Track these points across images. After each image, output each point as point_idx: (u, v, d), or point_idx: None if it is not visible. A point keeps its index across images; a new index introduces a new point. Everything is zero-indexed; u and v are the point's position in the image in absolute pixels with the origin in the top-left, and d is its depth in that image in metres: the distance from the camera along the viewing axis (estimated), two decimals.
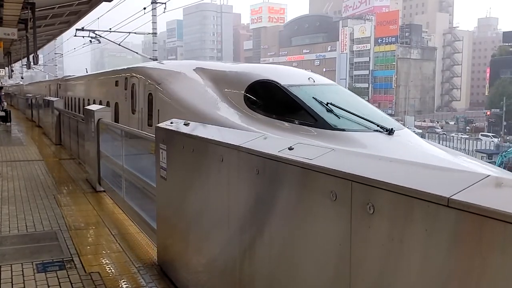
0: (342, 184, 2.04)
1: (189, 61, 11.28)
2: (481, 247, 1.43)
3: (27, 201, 7.21)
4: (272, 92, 7.70)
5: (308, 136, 6.58)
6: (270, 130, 6.64)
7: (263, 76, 8.15)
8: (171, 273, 4.34)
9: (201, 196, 3.66)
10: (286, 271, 2.50)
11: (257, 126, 6.92)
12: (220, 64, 10.37)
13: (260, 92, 7.95)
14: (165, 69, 10.04)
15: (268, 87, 7.85)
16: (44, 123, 18.84)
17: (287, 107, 7.40)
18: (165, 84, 9.03)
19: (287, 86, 7.60)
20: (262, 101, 7.83)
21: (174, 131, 4.20)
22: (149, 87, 9.52)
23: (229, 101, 7.98)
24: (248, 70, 8.87)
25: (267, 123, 7.10)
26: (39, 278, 4.32)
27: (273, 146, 2.77)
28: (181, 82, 8.98)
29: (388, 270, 1.80)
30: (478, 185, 1.57)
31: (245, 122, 7.16)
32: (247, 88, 7.90)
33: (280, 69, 9.47)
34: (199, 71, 9.14)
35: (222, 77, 8.76)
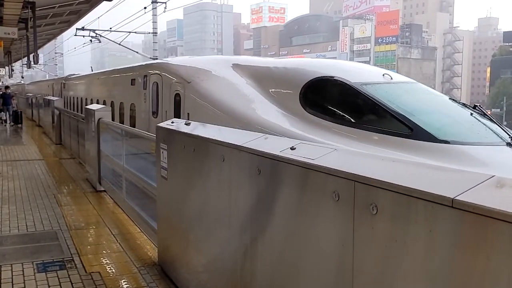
0: (345, 185, 2.03)
1: (220, 56, 9.99)
2: (485, 248, 1.42)
3: (27, 201, 7.20)
4: (341, 93, 6.33)
5: (401, 149, 5.05)
6: (344, 141, 5.34)
7: (323, 72, 6.71)
8: (171, 273, 4.33)
9: (202, 196, 3.64)
10: (288, 272, 2.49)
11: (324, 135, 5.58)
12: (260, 59, 9.04)
13: (323, 92, 6.60)
14: (195, 65, 8.68)
15: (333, 86, 6.43)
16: (44, 123, 18.84)
17: (364, 112, 6.01)
18: (197, 83, 7.73)
19: (360, 85, 6.15)
20: (327, 103, 6.42)
21: (175, 130, 4.19)
22: (176, 86, 8.27)
23: (279, 103, 6.64)
24: (301, 65, 7.48)
25: (338, 132, 5.69)
26: (40, 278, 4.31)
27: (274, 146, 2.75)
28: (216, 81, 7.71)
29: (391, 271, 1.79)
30: (482, 186, 1.56)
31: (307, 131, 5.77)
32: (304, 87, 6.48)
33: (340, 64, 7.90)
34: (236, 68, 7.93)
35: (266, 75, 7.48)
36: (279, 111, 6.47)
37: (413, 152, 4.92)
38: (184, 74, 8.23)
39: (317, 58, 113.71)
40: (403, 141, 5.17)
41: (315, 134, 5.60)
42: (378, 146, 5.23)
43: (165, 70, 8.99)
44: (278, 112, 6.45)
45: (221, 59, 8.91)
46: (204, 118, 6.64)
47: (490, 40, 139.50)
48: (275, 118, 6.29)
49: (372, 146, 5.22)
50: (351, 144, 5.19)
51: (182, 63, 9.03)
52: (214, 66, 8.23)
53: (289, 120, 6.22)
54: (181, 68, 8.55)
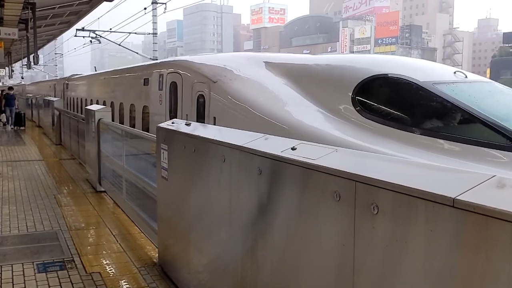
0: (346, 185, 2.03)
1: (249, 53, 8.73)
2: (486, 248, 1.42)
3: (27, 201, 7.20)
4: (408, 94, 5.30)
5: (497, 164, 4.21)
6: (420, 152, 4.48)
7: (378, 70, 5.71)
8: (172, 273, 4.33)
9: (202, 196, 3.65)
10: (289, 272, 2.49)
11: (390, 145, 4.67)
12: (294, 56, 7.84)
13: (384, 93, 5.61)
14: (221, 62, 7.58)
15: (397, 85, 5.43)
16: (44, 123, 18.84)
17: (441, 117, 4.99)
18: (224, 82, 6.78)
19: (432, 84, 5.17)
20: (390, 106, 5.34)
21: (176, 131, 4.19)
22: (199, 87, 7.29)
23: (325, 106, 5.70)
24: (349, 62, 6.42)
25: (407, 141, 4.74)
26: (40, 278, 4.31)
27: (275, 146, 2.76)
28: (247, 80, 6.77)
29: (392, 271, 1.79)
30: (483, 186, 1.56)
31: (365, 140, 4.84)
32: (357, 87, 5.52)
33: (397, 60, 6.64)
34: (269, 66, 7.05)
35: (306, 74, 6.55)
36: (327, 115, 5.52)
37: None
38: (208, 72, 7.22)
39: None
40: (498, 154, 4.26)
41: (378, 144, 4.70)
42: (465, 159, 4.30)
43: (185, 68, 8.01)
44: (326, 117, 5.50)
45: (251, 56, 7.88)
46: (235, 123, 5.74)
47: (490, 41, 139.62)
48: (323, 124, 5.35)
49: (456, 160, 4.31)
50: (429, 156, 4.36)
51: (204, 60, 7.98)
52: (243, 64, 7.28)
53: (340, 126, 5.24)
54: (205, 66, 7.53)
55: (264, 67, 7.03)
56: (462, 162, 4.23)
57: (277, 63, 7.13)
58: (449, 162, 4.21)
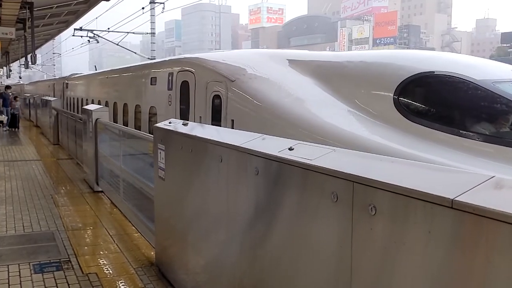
0: (344, 185, 2.01)
1: (270, 50, 8.00)
2: (485, 249, 1.41)
3: (24, 201, 7.17)
4: (464, 94, 4.72)
5: None
6: (477, 162, 4.00)
7: (423, 67, 5.08)
8: (169, 274, 4.31)
9: (200, 196, 3.63)
10: (286, 273, 2.47)
11: (445, 154, 4.14)
12: (320, 54, 7.18)
13: (435, 93, 4.97)
14: (238, 60, 6.93)
15: (450, 85, 4.82)
16: (42, 123, 18.78)
17: (507, 120, 4.46)
18: (244, 82, 6.17)
19: (492, 83, 4.62)
20: (443, 109, 4.78)
21: (173, 131, 4.17)
22: (215, 86, 6.69)
23: (361, 109, 5.11)
24: (387, 59, 5.74)
25: (465, 148, 4.21)
26: (36, 279, 4.28)
27: (273, 146, 2.74)
28: (268, 79, 6.16)
29: (390, 272, 1.78)
30: (482, 187, 1.54)
31: (414, 147, 4.31)
32: (400, 87, 4.93)
33: (441, 56, 5.93)
34: (294, 64, 6.47)
35: (337, 72, 5.94)
36: (364, 119, 4.95)
37: None
38: (225, 70, 6.57)
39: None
40: None
41: (430, 152, 4.17)
42: None
43: (198, 66, 7.36)
44: (364, 120, 4.94)
45: (272, 53, 7.16)
46: (256, 127, 5.09)
47: (488, 41, 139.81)
48: (361, 129, 4.81)
49: None
50: (492, 167, 3.87)
51: (220, 57, 7.32)
52: (263, 62, 6.67)
53: (382, 131, 4.68)
54: (221, 64, 6.88)
55: (287, 65, 6.46)
56: None
57: (302, 60, 6.57)
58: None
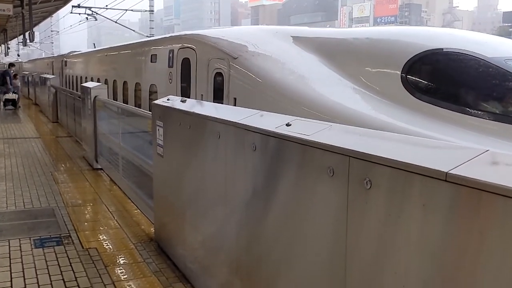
0: (340, 160, 2.03)
1: (273, 27, 7.65)
2: (479, 221, 1.43)
3: (24, 178, 7.21)
4: (475, 71, 4.61)
5: None
6: (489, 141, 3.92)
7: (433, 44, 4.95)
8: (168, 249, 4.37)
9: (198, 173, 3.65)
10: (283, 248, 2.51)
11: (455, 133, 4.10)
12: (326, 30, 7.02)
13: (444, 71, 4.82)
14: (241, 36, 6.81)
15: (460, 62, 4.70)
16: (40, 101, 18.73)
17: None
18: (247, 59, 6.06)
19: (504, 61, 4.53)
20: (452, 87, 4.66)
21: (171, 107, 4.17)
22: (217, 64, 6.60)
23: (368, 87, 5.05)
24: (395, 36, 5.56)
25: (475, 128, 4.15)
26: (37, 253, 4.34)
27: (270, 122, 2.75)
28: (272, 57, 6.07)
29: (385, 245, 1.80)
30: (476, 160, 1.56)
31: (423, 125, 4.27)
32: (408, 64, 4.85)
33: (451, 33, 5.63)
34: (298, 41, 6.32)
35: (341, 49, 5.83)
36: (370, 97, 4.87)
37: None
38: (228, 47, 6.45)
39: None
40: None
41: (438, 131, 4.12)
42: None
43: (200, 43, 7.25)
44: (370, 98, 4.86)
45: (276, 30, 6.95)
46: (259, 105, 4.85)
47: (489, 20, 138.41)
48: (367, 107, 4.74)
49: None
50: (503, 146, 3.79)
51: (222, 34, 7.14)
52: (267, 38, 6.53)
53: (389, 109, 4.62)
54: (223, 41, 6.73)
55: (291, 42, 6.31)
56: None
57: (307, 37, 6.45)
58: None
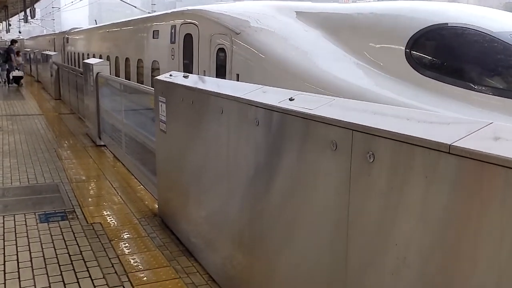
0: (343, 134, 2.02)
1: (275, 1, 7.50)
2: (481, 193, 1.43)
3: (28, 155, 7.24)
4: (481, 46, 4.58)
5: None
6: (492, 116, 3.83)
7: (437, 19, 4.92)
8: (171, 224, 4.41)
9: (201, 148, 3.65)
10: (285, 222, 2.53)
11: (459, 108, 4.07)
12: (329, 6, 6.89)
13: (449, 46, 4.79)
14: (243, 12, 6.72)
15: (465, 37, 4.68)
16: (43, 78, 18.68)
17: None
18: (249, 35, 6.02)
19: (510, 36, 4.51)
20: (458, 62, 4.61)
21: (173, 83, 4.15)
22: (219, 39, 6.57)
23: (372, 62, 5.02)
24: (398, 11, 5.53)
25: (479, 103, 4.11)
26: (42, 228, 4.39)
27: (273, 97, 2.73)
28: (275, 32, 6.02)
29: (387, 218, 1.81)
30: (480, 132, 1.55)
31: (427, 101, 4.23)
32: (412, 39, 4.82)
33: (456, 7, 5.55)
34: (302, 16, 6.27)
35: (345, 24, 5.82)
36: (374, 72, 4.86)
37: None
38: (230, 22, 6.38)
39: None
40: None
41: (442, 107, 4.12)
42: None
43: (202, 18, 7.19)
44: (373, 74, 4.84)
45: (280, 5, 6.86)
46: (263, 81, 4.73)
47: None
48: (371, 83, 4.73)
49: None
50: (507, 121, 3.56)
51: (225, 9, 7.06)
52: (270, 14, 6.47)
53: (392, 85, 4.60)
54: (226, 16, 6.66)
55: (295, 17, 6.28)
56: None
57: (310, 12, 6.40)
58: None
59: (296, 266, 2.44)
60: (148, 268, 3.65)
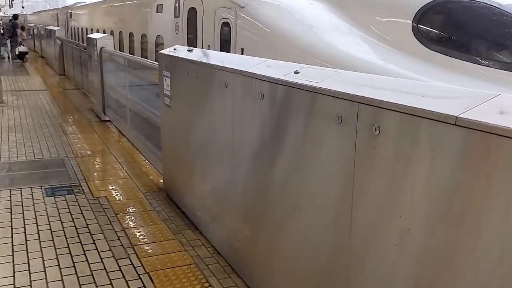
0: (348, 107, 2.01)
1: None
2: (488, 165, 1.42)
3: (33, 129, 7.27)
4: (489, 20, 4.54)
5: None
6: (502, 91, 3.16)
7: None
8: (176, 198, 4.44)
9: (205, 123, 3.65)
10: (290, 195, 2.53)
11: (468, 83, 3.98)
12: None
13: (456, 20, 4.77)
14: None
15: (473, 10, 4.63)
16: (47, 54, 18.60)
17: None
18: (254, 8, 5.97)
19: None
20: (465, 37, 4.59)
21: (178, 57, 4.12)
22: (223, 13, 6.52)
23: (379, 36, 4.96)
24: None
25: (488, 78, 4.06)
26: (49, 201, 4.43)
27: (278, 70, 2.71)
28: (280, 6, 5.94)
29: (392, 190, 1.81)
30: (487, 104, 1.53)
31: (436, 76, 4.16)
32: (420, 13, 4.76)
33: None
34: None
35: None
36: (381, 47, 4.79)
37: None
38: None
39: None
40: None
41: (449, 81, 4.04)
42: None
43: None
44: (380, 48, 4.78)
45: None
46: (268, 56, 4.54)
47: None
48: (378, 57, 4.68)
49: None
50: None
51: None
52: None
53: (399, 60, 4.55)
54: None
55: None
56: None
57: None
58: None
59: (300, 239, 2.46)
60: (154, 241, 3.69)
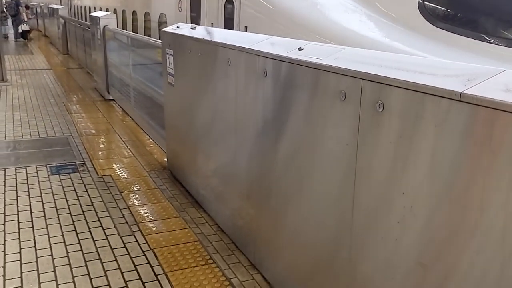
0: (352, 84, 1.99)
1: None
2: (492, 141, 1.41)
3: (37, 108, 7.28)
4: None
5: None
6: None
7: None
8: (180, 177, 4.46)
9: (209, 101, 3.63)
10: (294, 174, 2.54)
11: (471, 60, 3.72)
12: None
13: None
14: None
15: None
16: (50, 33, 18.51)
17: None
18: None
19: None
20: (474, 14, 4.50)
21: (181, 35, 4.08)
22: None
23: (383, 13, 4.87)
24: None
25: (496, 55, 3.98)
26: (54, 179, 4.46)
27: (282, 47, 2.68)
28: None
29: (395, 167, 1.80)
30: (492, 80, 1.51)
31: (443, 55, 4.11)
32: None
33: None
34: None
35: None
36: (386, 24, 4.73)
37: None
38: None
39: None
40: None
41: (457, 59, 3.35)
42: None
43: None
44: (385, 26, 4.71)
45: None
46: (272, 33, 4.21)
47: None
48: (382, 35, 4.61)
49: None
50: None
51: None
52: None
53: (405, 37, 4.49)
54: None
55: None
56: None
57: None
58: None
59: (303, 216, 2.47)
60: (158, 218, 3.72)
